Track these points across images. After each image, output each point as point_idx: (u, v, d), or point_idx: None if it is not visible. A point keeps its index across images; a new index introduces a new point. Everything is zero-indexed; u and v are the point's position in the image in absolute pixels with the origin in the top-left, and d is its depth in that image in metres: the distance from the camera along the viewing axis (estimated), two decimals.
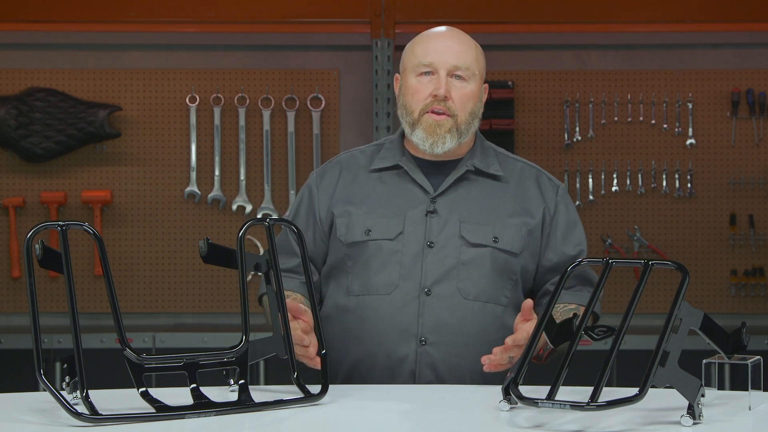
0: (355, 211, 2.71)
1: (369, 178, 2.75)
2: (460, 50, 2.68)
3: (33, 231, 2.07)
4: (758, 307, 5.38)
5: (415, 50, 2.71)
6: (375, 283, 2.66)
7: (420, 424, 2.16)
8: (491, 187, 2.73)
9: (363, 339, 2.65)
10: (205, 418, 2.10)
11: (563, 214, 2.75)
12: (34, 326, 2.05)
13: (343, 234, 2.70)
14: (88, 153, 5.40)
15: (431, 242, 2.66)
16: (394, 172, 2.75)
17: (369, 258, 2.67)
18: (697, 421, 2.01)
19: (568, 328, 2.18)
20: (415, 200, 2.70)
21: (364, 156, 2.80)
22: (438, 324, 2.62)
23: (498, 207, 2.70)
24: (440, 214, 2.68)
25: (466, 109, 2.67)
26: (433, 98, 2.66)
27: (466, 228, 2.67)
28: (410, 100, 2.69)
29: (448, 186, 2.71)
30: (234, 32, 5.43)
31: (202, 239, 2.30)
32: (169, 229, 5.43)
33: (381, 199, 2.72)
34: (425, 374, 2.63)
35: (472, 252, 2.66)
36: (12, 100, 5.29)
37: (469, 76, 2.67)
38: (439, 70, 2.66)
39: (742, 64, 5.42)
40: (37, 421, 2.06)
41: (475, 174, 2.73)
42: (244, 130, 5.39)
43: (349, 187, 2.75)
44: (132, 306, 5.39)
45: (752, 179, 5.40)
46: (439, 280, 2.64)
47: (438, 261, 2.65)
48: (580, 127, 5.42)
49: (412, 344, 2.62)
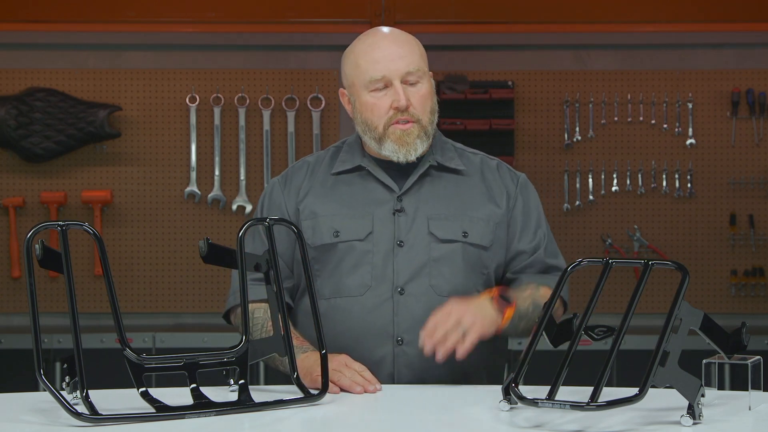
0: (321, 213, 2.68)
1: (332, 181, 2.72)
2: (405, 53, 2.63)
3: (33, 231, 2.07)
4: (758, 307, 5.38)
5: (361, 65, 2.64)
6: (347, 285, 2.63)
7: (420, 424, 2.16)
8: (455, 181, 2.71)
9: (337, 343, 2.58)
10: (205, 418, 2.10)
11: (521, 206, 2.73)
12: (34, 326, 2.05)
13: (309, 237, 2.66)
14: (88, 153, 5.40)
15: (401, 241, 2.64)
16: (357, 174, 2.72)
17: (339, 260, 2.64)
18: (697, 421, 2.01)
19: (568, 328, 2.18)
20: (380, 199, 2.67)
21: (325, 159, 2.78)
22: (413, 323, 2.58)
23: (464, 201, 2.69)
24: (407, 212, 2.66)
25: (426, 110, 2.64)
26: (395, 110, 2.62)
27: (434, 225, 2.65)
28: (371, 117, 2.65)
29: (413, 183, 2.68)
30: (234, 32, 5.43)
31: (202, 239, 2.30)
32: (169, 229, 5.43)
33: (346, 200, 2.69)
34: (404, 374, 2.61)
35: (443, 248, 2.64)
36: (12, 100, 5.29)
37: (420, 77, 2.64)
38: (393, 81, 2.62)
39: (742, 64, 5.42)
40: (37, 421, 2.06)
41: (438, 170, 2.71)
42: (244, 130, 5.39)
43: (312, 191, 2.72)
44: (132, 306, 5.39)
45: (752, 179, 5.40)
46: (412, 278, 2.62)
47: (409, 259, 2.63)
48: (580, 127, 5.42)
49: (388, 345, 2.60)
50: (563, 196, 5.43)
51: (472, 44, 5.49)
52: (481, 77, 5.44)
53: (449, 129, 5.27)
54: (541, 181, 5.42)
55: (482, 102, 5.37)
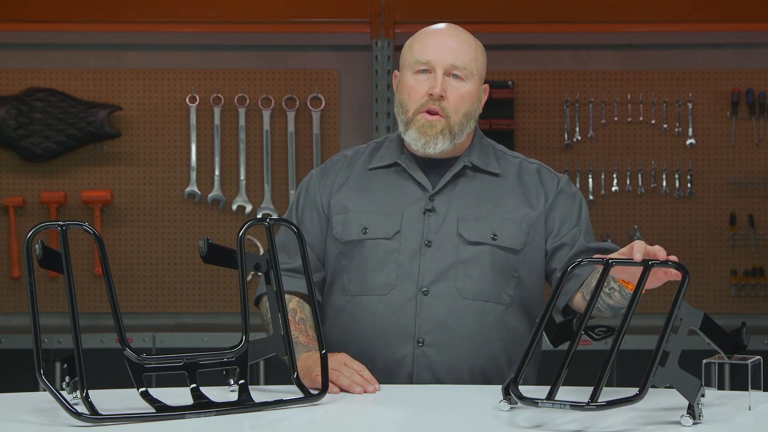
0: (352, 208, 2.67)
1: (367, 176, 2.71)
2: (458, 49, 2.63)
3: (33, 231, 2.07)
4: (758, 307, 5.38)
5: (414, 47, 2.66)
6: (371, 282, 2.62)
7: (420, 424, 2.16)
8: (490, 183, 2.68)
9: (359, 340, 2.61)
10: (205, 418, 2.10)
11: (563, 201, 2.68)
12: (34, 326, 2.05)
13: (339, 232, 2.67)
14: (88, 153, 5.40)
15: (429, 241, 2.62)
16: (393, 170, 2.70)
17: (365, 257, 2.63)
18: (697, 421, 2.01)
19: (568, 328, 2.18)
20: (412, 198, 2.66)
21: (364, 154, 2.76)
22: (436, 324, 2.58)
23: (497, 204, 2.66)
24: (438, 212, 2.64)
25: (460, 111, 2.62)
26: (429, 97, 2.61)
27: (463, 226, 2.62)
28: (406, 99, 2.64)
29: (446, 183, 2.66)
30: (234, 32, 5.43)
31: (202, 239, 2.30)
32: (169, 229, 5.43)
33: (378, 197, 2.68)
34: (423, 376, 2.59)
35: (471, 250, 2.61)
36: (12, 100, 5.29)
37: (467, 76, 2.63)
38: (436, 69, 2.61)
39: (742, 64, 5.42)
40: (37, 421, 2.06)
41: (473, 171, 2.69)
42: (244, 130, 5.39)
43: (347, 185, 2.71)
44: (132, 306, 5.39)
45: (752, 179, 5.40)
46: (437, 279, 2.60)
47: (435, 260, 2.60)
48: (580, 127, 5.42)
49: (409, 345, 2.59)
50: None
51: None
52: None
53: None
54: None
55: None
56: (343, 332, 2.65)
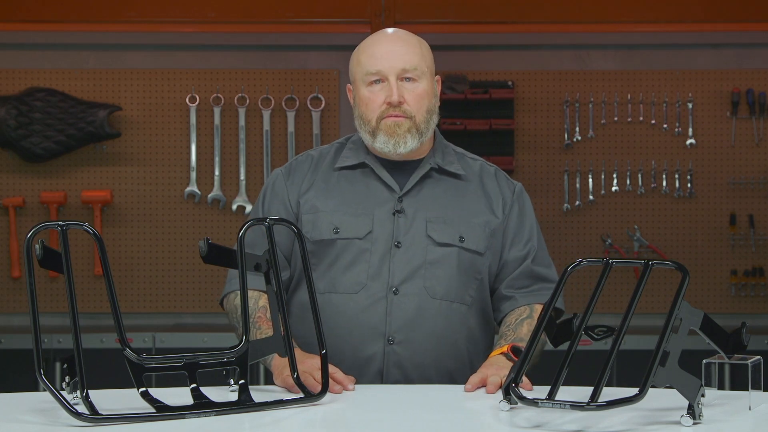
0: (323, 208, 2.71)
1: (334, 176, 2.75)
2: (404, 52, 2.68)
3: (33, 231, 2.07)
4: (758, 307, 5.38)
5: (361, 60, 2.72)
6: (342, 281, 2.66)
7: (420, 424, 2.16)
8: (454, 186, 2.74)
9: (329, 338, 2.58)
10: (205, 418, 2.10)
11: (516, 215, 2.76)
12: (34, 326, 2.05)
13: (309, 231, 2.69)
14: (88, 153, 5.40)
15: (398, 242, 2.67)
16: (360, 171, 2.75)
17: (337, 256, 2.68)
18: (697, 421, 2.01)
19: (568, 328, 2.18)
20: (381, 199, 2.71)
21: (330, 154, 2.80)
22: (406, 323, 2.63)
23: (462, 206, 2.72)
24: (407, 214, 2.69)
25: (422, 108, 2.68)
26: (388, 105, 2.66)
27: (432, 227, 2.68)
28: (365, 111, 2.70)
29: (414, 185, 2.71)
30: (234, 32, 5.44)
31: (202, 239, 2.30)
32: (169, 229, 5.43)
33: (348, 196, 2.72)
34: (392, 373, 2.64)
35: (439, 251, 2.67)
36: (12, 100, 5.29)
37: (419, 76, 2.68)
38: (388, 77, 2.67)
39: (742, 64, 5.42)
40: (37, 421, 2.06)
41: (438, 173, 2.74)
42: (244, 130, 5.39)
43: (315, 185, 2.75)
44: (132, 306, 5.39)
45: (752, 179, 5.40)
46: (406, 279, 2.65)
47: (405, 260, 2.66)
48: (580, 127, 5.42)
49: (379, 343, 2.64)
50: (563, 196, 5.43)
51: (472, 44, 5.49)
52: (481, 77, 5.44)
53: (449, 129, 5.27)
54: (540, 182, 5.42)
55: (482, 102, 5.37)
56: (310, 329, 2.65)
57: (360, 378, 2.62)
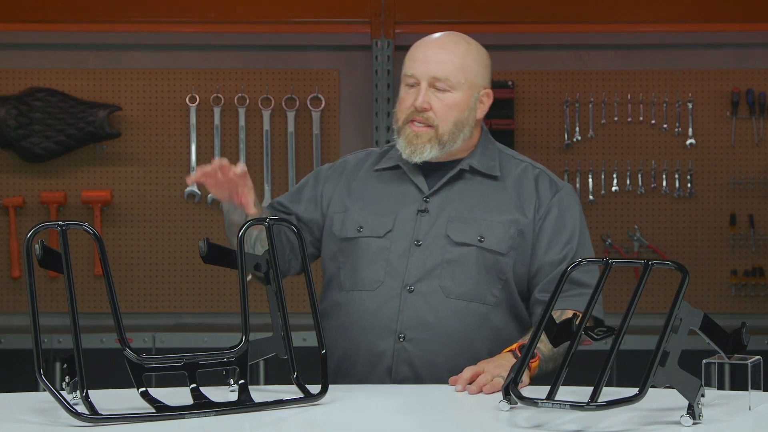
0: (352, 207, 2.76)
1: (371, 177, 2.80)
2: (441, 60, 2.70)
3: (33, 231, 2.07)
4: (758, 307, 5.38)
5: (406, 60, 2.75)
6: (362, 278, 2.70)
7: (420, 423, 2.16)
8: (487, 186, 2.73)
9: (349, 334, 2.70)
10: (205, 418, 2.10)
11: (554, 217, 2.72)
12: (34, 326, 2.05)
13: (338, 229, 2.76)
14: (88, 153, 5.40)
15: (418, 240, 2.69)
16: (395, 172, 2.78)
17: (359, 254, 2.71)
18: (697, 421, 2.01)
19: (568, 328, 2.18)
20: (408, 199, 2.73)
21: (375, 155, 2.85)
22: (417, 321, 2.64)
23: (488, 206, 2.71)
24: (431, 213, 2.71)
25: (448, 120, 2.69)
26: (414, 108, 2.69)
27: (452, 227, 2.69)
28: (398, 110, 2.74)
29: (442, 185, 2.73)
30: (234, 32, 5.43)
31: (202, 239, 2.30)
32: (169, 229, 5.43)
33: (376, 197, 2.76)
34: (402, 370, 2.65)
35: (457, 251, 2.67)
36: (12, 100, 5.29)
37: (452, 86, 2.69)
38: (420, 81, 2.69)
39: (742, 64, 5.42)
40: (37, 421, 2.06)
41: (472, 173, 2.74)
42: (244, 130, 5.39)
43: (351, 184, 2.80)
44: (132, 306, 5.39)
45: (752, 179, 5.40)
46: (422, 277, 2.66)
47: (422, 259, 2.67)
48: (580, 127, 5.42)
49: (390, 340, 2.65)
50: None
51: None
52: None
53: None
54: None
55: None
56: (337, 325, 2.73)
57: (371, 374, 2.67)
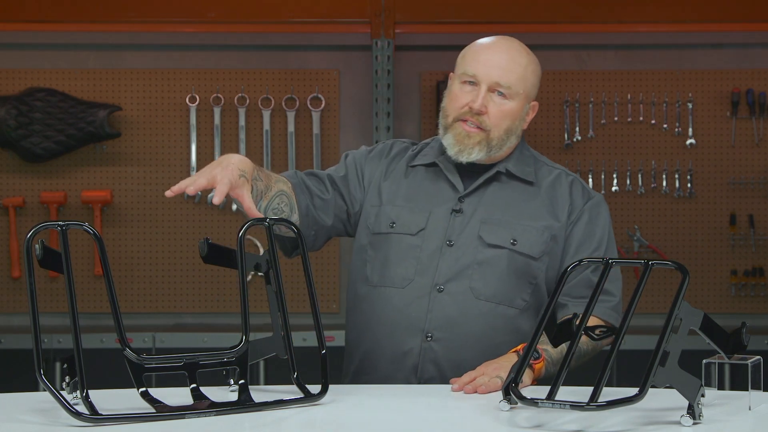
0: (386, 202, 2.75)
1: (407, 172, 2.78)
2: (506, 67, 2.68)
3: (33, 231, 2.07)
4: (758, 307, 5.38)
5: (465, 57, 2.73)
6: (391, 275, 2.68)
7: (420, 424, 2.16)
8: (521, 191, 2.73)
9: (373, 330, 2.68)
10: (205, 418, 2.10)
11: (584, 224, 2.72)
12: (34, 326, 2.05)
13: (371, 223, 2.74)
14: (88, 153, 5.40)
15: (450, 240, 2.68)
16: (431, 169, 2.77)
17: (389, 250, 2.70)
18: (697, 421, 2.01)
19: (568, 328, 2.18)
20: (443, 198, 2.72)
21: (412, 150, 2.83)
22: (445, 321, 2.64)
23: (523, 210, 2.71)
24: (465, 214, 2.70)
25: (501, 126, 2.67)
26: (469, 109, 2.66)
27: (484, 228, 2.68)
28: (448, 105, 2.71)
29: (478, 186, 2.72)
30: (234, 32, 5.43)
31: (202, 239, 2.30)
32: (169, 229, 5.43)
33: (412, 193, 2.74)
34: (428, 369, 2.64)
35: (489, 252, 2.67)
36: (12, 100, 5.29)
37: (511, 95, 2.68)
38: (481, 84, 2.67)
39: (742, 64, 5.42)
40: (37, 421, 2.06)
41: (508, 177, 2.74)
42: (244, 130, 5.39)
43: (389, 176, 2.78)
44: (132, 306, 5.39)
45: (752, 179, 5.40)
46: (453, 278, 2.65)
47: (454, 259, 2.66)
48: (580, 127, 5.42)
49: (417, 339, 2.64)
50: None
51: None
52: None
53: None
54: None
55: None
56: (361, 320, 2.72)
57: (396, 372, 2.66)
